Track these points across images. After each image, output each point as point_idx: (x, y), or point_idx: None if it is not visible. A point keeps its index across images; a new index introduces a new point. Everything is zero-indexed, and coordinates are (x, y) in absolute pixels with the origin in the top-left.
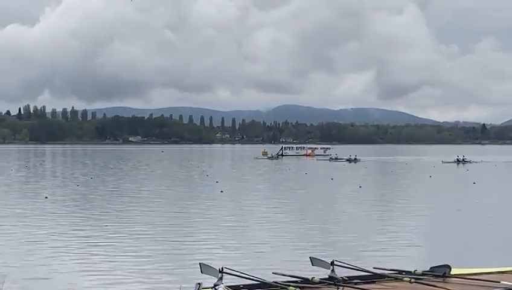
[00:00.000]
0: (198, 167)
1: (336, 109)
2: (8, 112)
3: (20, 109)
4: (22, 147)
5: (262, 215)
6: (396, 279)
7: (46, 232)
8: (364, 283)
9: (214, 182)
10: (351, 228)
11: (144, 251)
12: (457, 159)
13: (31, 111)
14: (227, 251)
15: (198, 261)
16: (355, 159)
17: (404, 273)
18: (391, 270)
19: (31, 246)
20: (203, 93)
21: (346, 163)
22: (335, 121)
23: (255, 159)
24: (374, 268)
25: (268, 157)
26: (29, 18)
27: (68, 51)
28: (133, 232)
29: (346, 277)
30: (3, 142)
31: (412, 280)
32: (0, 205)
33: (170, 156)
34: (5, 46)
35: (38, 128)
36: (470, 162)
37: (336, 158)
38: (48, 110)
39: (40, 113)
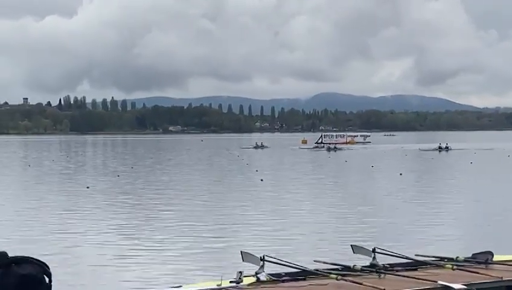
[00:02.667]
0: (238, 156)
1: (375, 97)
2: (48, 103)
3: (60, 99)
4: (63, 137)
5: (303, 203)
6: (438, 266)
7: (87, 222)
8: (406, 270)
9: (253, 170)
10: (392, 215)
11: (184, 240)
12: (440, 147)
13: (71, 102)
14: (268, 239)
15: (239, 250)
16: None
17: (446, 260)
18: (433, 257)
19: (73, 237)
20: (241, 82)
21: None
22: (374, 108)
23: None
24: (415, 255)
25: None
26: (67, 9)
27: (106, 41)
28: (173, 222)
29: (388, 264)
30: (45, 133)
31: (454, 267)
32: (42, 195)
33: (210, 145)
34: (44, 37)
35: (78, 119)
36: (451, 149)
37: None
38: (88, 100)
39: (80, 104)
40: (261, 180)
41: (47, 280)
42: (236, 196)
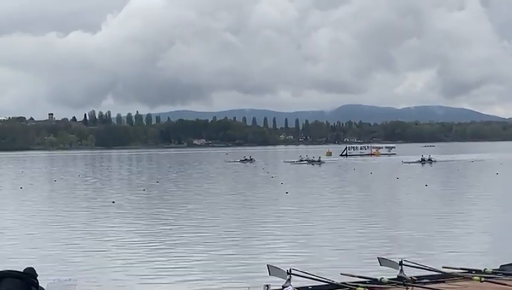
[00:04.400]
0: (263, 169)
1: (399, 108)
2: (74, 118)
3: (85, 114)
4: (88, 152)
5: (329, 215)
6: (466, 278)
7: (113, 236)
8: (433, 282)
9: (279, 183)
10: (418, 227)
11: (211, 253)
12: (422, 159)
13: (97, 116)
14: (294, 252)
15: (266, 263)
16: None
17: (474, 272)
18: (461, 269)
19: (99, 251)
20: (265, 95)
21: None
22: (398, 119)
23: (284, 162)
24: (443, 267)
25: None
26: (91, 25)
27: (130, 56)
28: (199, 235)
29: (415, 276)
30: (70, 148)
31: (482, 279)
32: (68, 210)
33: (234, 159)
34: (69, 53)
35: (103, 134)
36: (435, 161)
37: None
38: (113, 115)
39: (105, 119)
40: (286, 193)
41: None
42: (262, 208)
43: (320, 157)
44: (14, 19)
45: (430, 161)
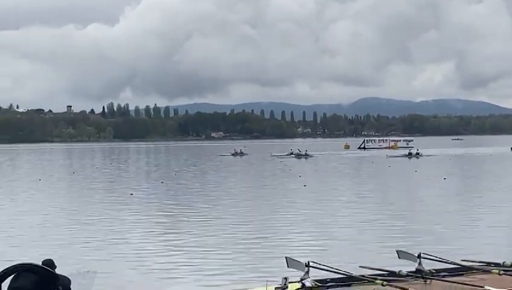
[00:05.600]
0: (280, 161)
1: (416, 101)
2: (92, 111)
3: (103, 107)
4: (106, 144)
5: (347, 208)
6: (484, 271)
7: (131, 228)
8: (452, 275)
9: (297, 176)
10: (437, 220)
11: (229, 246)
12: (410, 153)
13: (115, 109)
14: (313, 245)
15: (284, 256)
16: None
17: (492, 265)
18: (479, 262)
19: (118, 243)
20: (283, 88)
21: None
22: (417, 113)
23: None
24: (461, 260)
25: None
26: (110, 17)
27: (148, 48)
28: (217, 228)
29: (434, 269)
30: (88, 140)
31: (501, 272)
32: (86, 202)
33: (252, 151)
34: (87, 45)
35: (122, 126)
36: (422, 155)
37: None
38: (131, 107)
39: (123, 111)
40: (304, 185)
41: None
42: (280, 201)
43: (306, 151)
44: (32, 11)
45: (417, 154)
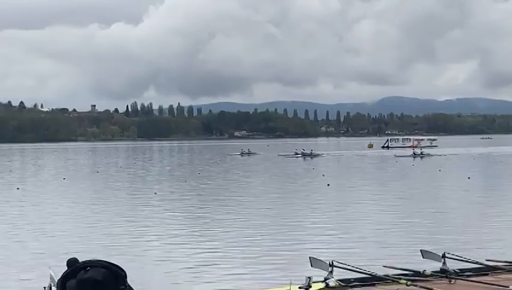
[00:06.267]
0: (304, 160)
1: (440, 100)
2: (116, 110)
3: (127, 106)
4: (130, 143)
5: (371, 207)
6: (509, 271)
7: (155, 228)
8: (477, 275)
9: (320, 175)
10: (461, 219)
11: (252, 246)
12: (414, 153)
13: (138, 108)
14: (336, 245)
15: (308, 255)
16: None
17: None
18: (505, 262)
19: (142, 242)
20: (306, 87)
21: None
22: (440, 111)
23: (278, 155)
24: (486, 260)
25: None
26: (134, 17)
27: (172, 48)
28: (241, 227)
29: (458, 269)
30: (112, 139)
31: None
32: (110, 201)
33: (276, 150)
34: (111, 44)
35: (145, 125)
36: (428, 155)
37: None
38: (155, 106)
39: (147, 110)
40: (328, 185)
41: (117, 283)
42: (304, 200)
43: (312, 150)
44: (56, 10)
45: (422, 154)
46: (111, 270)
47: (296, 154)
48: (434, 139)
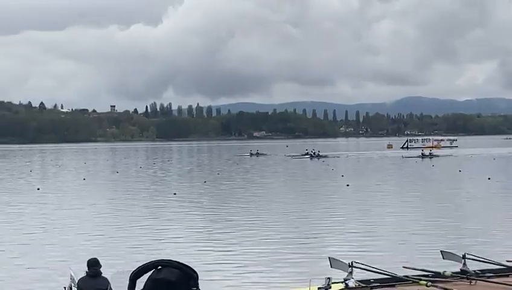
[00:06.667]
0: (323, 161)
1: (460, 100)
2: (135, 110)
3: (147, 106)
4: (149, 144)
5: (390, 208)
6: None
7: (174, 228)
8: (497, 276)
9: (339, 175)
10: (481, 220)
11: (273, 245)
12: (423, 154)
13: (158, 109)
14: (356, 245)
15: (327, 256)
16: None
17: None
18: None
19: (162, 242)
20: (325, 87)
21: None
22: (460, 112)
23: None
24: (507, 261)
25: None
26: (153, 18)
27: (191, 48)
28: (261, 228)
29: (479, 270)
30: (132, 140)
31: None
32: (131, 202)
33: (295, 151)
34: (130, 45)
35: (164, 126)
36: (436, 155)
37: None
38: (174, 107)
39: (166, 111)
40: (347, 185)
41: (190, 284)
42: (323, 200)
43: (319, 151)
44: (76, 12)
45: (431, 155)
46: (184, 271)
47: (306, 154)
48: (454, 140)
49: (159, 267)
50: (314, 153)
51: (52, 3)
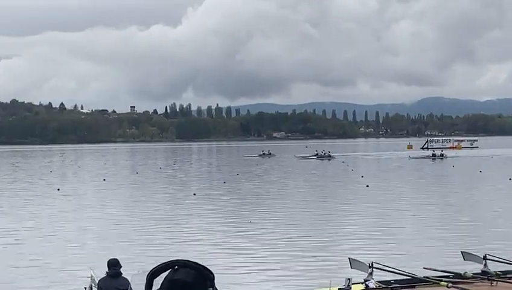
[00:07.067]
0: (343, 162)
1: (481, 100)
2: (155, 111)
3: (166, 107)
4: (169, 144)
5: (410, 208)
6: None
7: (194, 228)
8: None
9: (359, 176)
10: (502, 220)
11: (292, 246)
12: (434, 154)
13: (177, 109)
14: (376, 246)
15: (347, 256)
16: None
17: None
18: None
19: (182, 242)
20: (345, 88)
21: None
22: (481, 112)
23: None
24: None
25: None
26: (172, 18)
27: (210, 49)
28: (280, 228)
29: (500, 271)
30: (151, 141)
31: None
32: (151, 202)
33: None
34: (150, 46)
35: (184, 126)
36: (446, 157)
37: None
38: (193, 108)
39: (185, 111)
40: (367, 186)
41: (206, 285)
42: (343, 201)
43: (329, 151)
44: (96, 13)
45: (442, 156)
46: (200, 272)
47: (315, 155)
48: (475, 140)
49: (176, 267)
50: (324, 154)
51: (72, 4)
